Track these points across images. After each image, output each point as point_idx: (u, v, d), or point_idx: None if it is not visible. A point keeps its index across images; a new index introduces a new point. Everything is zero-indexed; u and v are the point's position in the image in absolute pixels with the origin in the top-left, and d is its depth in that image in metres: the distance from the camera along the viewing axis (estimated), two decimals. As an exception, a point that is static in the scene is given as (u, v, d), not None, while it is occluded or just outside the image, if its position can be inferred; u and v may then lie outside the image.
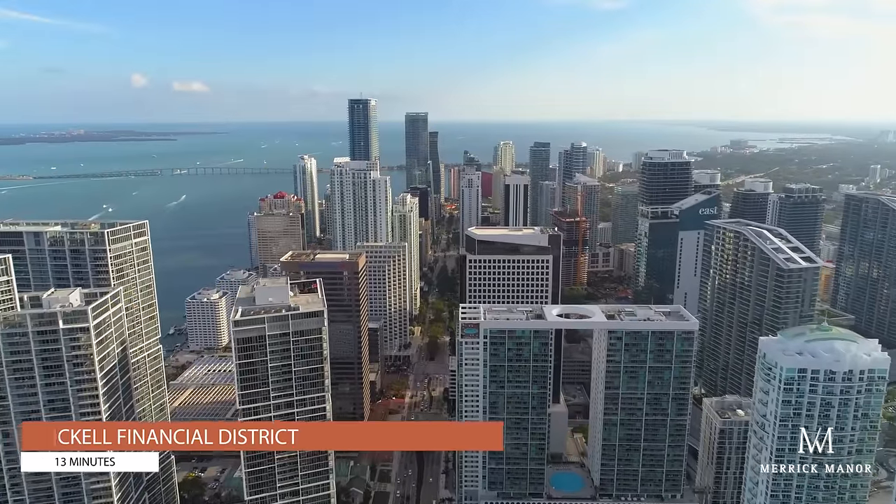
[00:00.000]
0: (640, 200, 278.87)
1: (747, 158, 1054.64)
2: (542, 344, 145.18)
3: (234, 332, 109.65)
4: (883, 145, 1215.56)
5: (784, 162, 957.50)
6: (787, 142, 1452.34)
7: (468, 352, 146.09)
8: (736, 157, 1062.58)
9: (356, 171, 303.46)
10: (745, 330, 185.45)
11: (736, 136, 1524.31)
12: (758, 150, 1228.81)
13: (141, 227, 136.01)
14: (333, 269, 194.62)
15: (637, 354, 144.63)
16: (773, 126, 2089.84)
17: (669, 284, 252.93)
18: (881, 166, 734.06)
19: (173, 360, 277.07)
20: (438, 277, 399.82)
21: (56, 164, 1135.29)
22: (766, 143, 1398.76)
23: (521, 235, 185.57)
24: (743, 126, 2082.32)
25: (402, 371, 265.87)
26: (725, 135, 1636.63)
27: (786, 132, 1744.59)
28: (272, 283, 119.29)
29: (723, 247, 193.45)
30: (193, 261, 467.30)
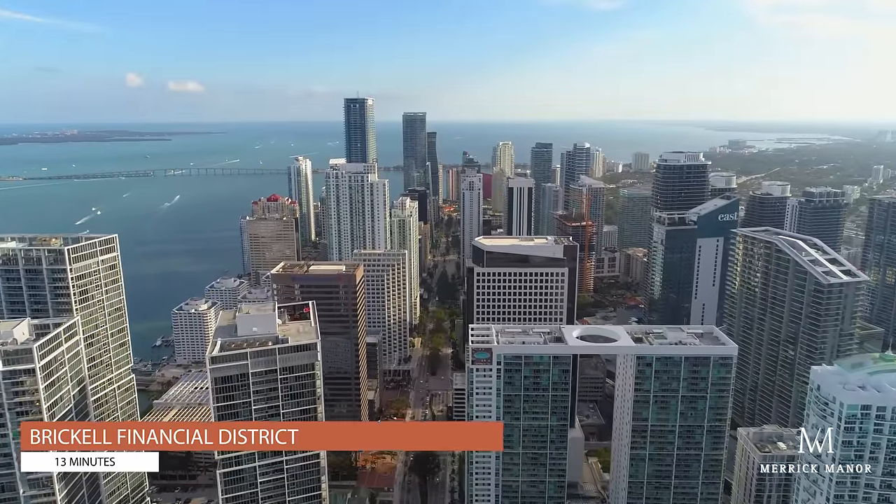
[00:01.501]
0: (653, 205, 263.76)
1: (746, 159, 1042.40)
2: (562, 371, 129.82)
3: (210, 370, 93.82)
4: (882, 145, 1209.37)
5: (784, 162, 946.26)
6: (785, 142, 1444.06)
7: (479, 379, 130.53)
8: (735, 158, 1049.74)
9: (353, 174, 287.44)
10: (777, 348, 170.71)
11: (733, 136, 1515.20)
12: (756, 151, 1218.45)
13: (109, 243, 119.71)
14: (329, 282, 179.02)
15: (668, 382, 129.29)
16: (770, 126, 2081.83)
17: (686, 295, 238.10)
18: (884, 167, 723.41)
19: (159, 375, 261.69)
20: (438, 284, 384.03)
21: (47, 164, 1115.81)
22: (765, 143, 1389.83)
23: (534, 246, 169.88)
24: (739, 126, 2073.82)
25: (402, 387, 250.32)
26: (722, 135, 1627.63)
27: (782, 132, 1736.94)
28: (257, 310, 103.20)
29: (751, 257, 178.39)
30: (184, 266, 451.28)
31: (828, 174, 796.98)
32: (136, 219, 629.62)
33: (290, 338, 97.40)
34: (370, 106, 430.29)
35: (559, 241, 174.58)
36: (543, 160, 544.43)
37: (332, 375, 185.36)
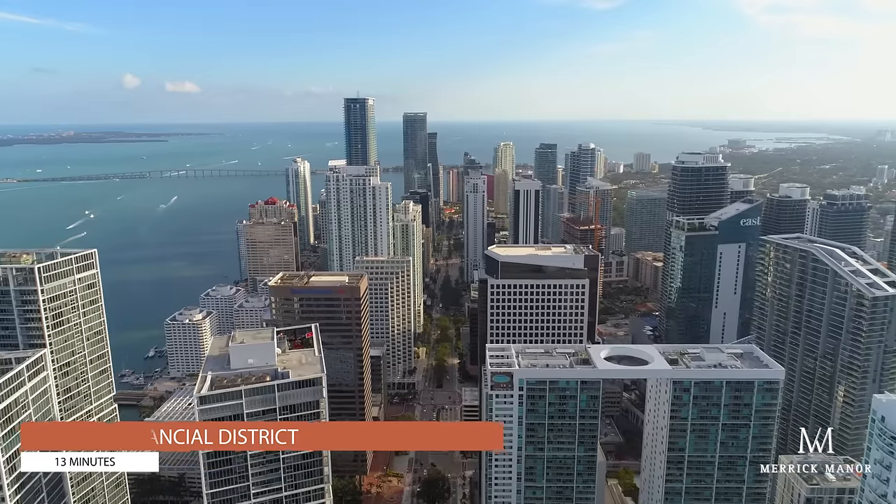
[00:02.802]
0: (669, 209, 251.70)
1: (747, 159, 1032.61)
2: (590, 397, 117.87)
3: (199, 411, 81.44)
4: (882, 145, 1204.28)
5: (786, 162, 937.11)
6: (784, 141, 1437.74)
7: (500, 407, 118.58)
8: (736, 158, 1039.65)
9: (354, 177, 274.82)
10: (814, 365, 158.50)
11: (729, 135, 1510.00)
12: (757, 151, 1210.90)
13: (87, 259, 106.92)
14: (331, 295, 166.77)
15: (707, 409, 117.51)
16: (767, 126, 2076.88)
17: (706, 304, 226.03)
18: (888, 167, 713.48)
19: (151, 389, 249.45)
20: (442, 289, 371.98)
21: (42, 166, 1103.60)
22: (764, 142, 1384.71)
23: (551, 256, 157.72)
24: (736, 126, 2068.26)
25: (407, 401, 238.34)
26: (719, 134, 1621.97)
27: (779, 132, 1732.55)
28: (253, 338, 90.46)
29: (784, 267, 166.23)
30: (179, 271, 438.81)
31: (831, 174, 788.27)
32: (131, 221, 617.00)
33: (291, 371, 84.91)
34: (371, 106, 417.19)
35: (578, 249, 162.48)
36: (547, 161, 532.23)
37: (335, 390, 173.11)
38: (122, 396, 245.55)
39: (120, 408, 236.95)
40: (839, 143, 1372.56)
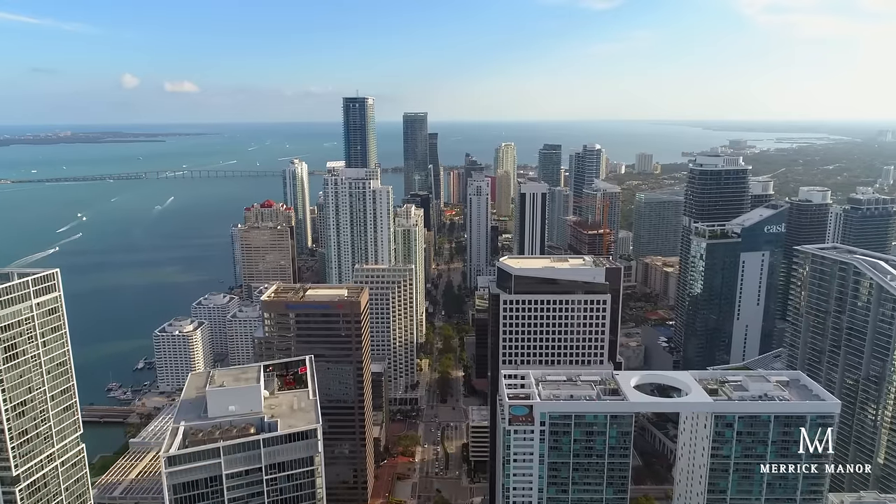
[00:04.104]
0: (686, 214, 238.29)
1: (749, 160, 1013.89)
2: (621, 433, 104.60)
3: (167, 475, 67.60)
4: (883, 145, 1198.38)
5: (788, 163, 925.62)
6: (785, 141, 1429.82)
7: (518, 443, 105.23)
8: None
9: (353, 181, 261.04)
10: (856, 388, 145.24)
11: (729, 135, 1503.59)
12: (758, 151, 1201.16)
13: (48, 280, 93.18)
14: (329, 310, 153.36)
15: (753, 447, 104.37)
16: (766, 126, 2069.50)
17: (727, 316, 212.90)
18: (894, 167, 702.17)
19: (139, 405, 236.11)
20: (444, 296, 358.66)
21: (38, 166, 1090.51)
22: (764, 142, 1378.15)
23: (570, 269, 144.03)
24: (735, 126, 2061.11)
25: (409, 418, 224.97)
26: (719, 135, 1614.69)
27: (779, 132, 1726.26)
28: (235, 380, 76.13)
29: (820, 279, 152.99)
30: (173, 276, 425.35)
31: (835, 175, 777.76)
32: (125, 224, 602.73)
33: (280, 420, 70.79)
34: (370, 105, 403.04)
35: (598, 262, 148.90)
36: (552, 162, 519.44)
37: (333, 410, 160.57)
38: (107, 413, 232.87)
39: (105, 426, 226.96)
40: (840, 144, 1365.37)
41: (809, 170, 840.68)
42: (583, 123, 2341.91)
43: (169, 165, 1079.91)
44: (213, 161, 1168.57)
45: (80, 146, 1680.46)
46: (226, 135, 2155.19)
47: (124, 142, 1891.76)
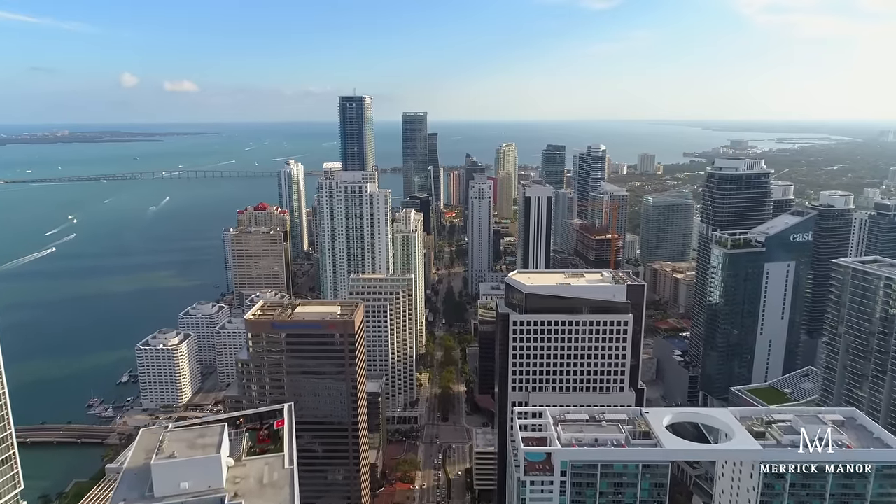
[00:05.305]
0: (704, 220, 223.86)
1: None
2: (654, 485, 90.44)
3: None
4: (886, 145, 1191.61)
5: (791, 163, 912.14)
6: (786, 142, 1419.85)
7: (535, 496, 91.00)
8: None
9: (350, 184, 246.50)
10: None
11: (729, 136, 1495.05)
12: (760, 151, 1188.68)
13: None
14: (320, 331, 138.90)
15: (808, 501, 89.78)
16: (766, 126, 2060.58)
17: (750, 330, 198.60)
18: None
19: (120, 424, 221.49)
20: (444, 303, 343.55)
21: (33, 166, 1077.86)
22: (766, 142, 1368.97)
23: (587, 287, 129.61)
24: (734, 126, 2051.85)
25: (409, 438, 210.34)
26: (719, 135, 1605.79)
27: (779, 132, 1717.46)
28: (190, 446, 59.94)
29: (863, 297, 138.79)
30: (164, 281, 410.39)
31: (839, 175, 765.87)
32: (117, 226, 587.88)
33: (244, 499, 55.86)
34: (368, 105, 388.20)
35: (618, 278, 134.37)
36: (555, 164, 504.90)
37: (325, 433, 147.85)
38: (86, 432, 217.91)
39: (83, 447, 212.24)
40: (842, 144, 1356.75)
41: (813, 171, 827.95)
42: (582, 123, 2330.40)
43: (166, 165, 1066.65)
44: (210, 161, 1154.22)
45: (78, 146, 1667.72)
46: (224, 134, 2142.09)
47: (122, 141, 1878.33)
